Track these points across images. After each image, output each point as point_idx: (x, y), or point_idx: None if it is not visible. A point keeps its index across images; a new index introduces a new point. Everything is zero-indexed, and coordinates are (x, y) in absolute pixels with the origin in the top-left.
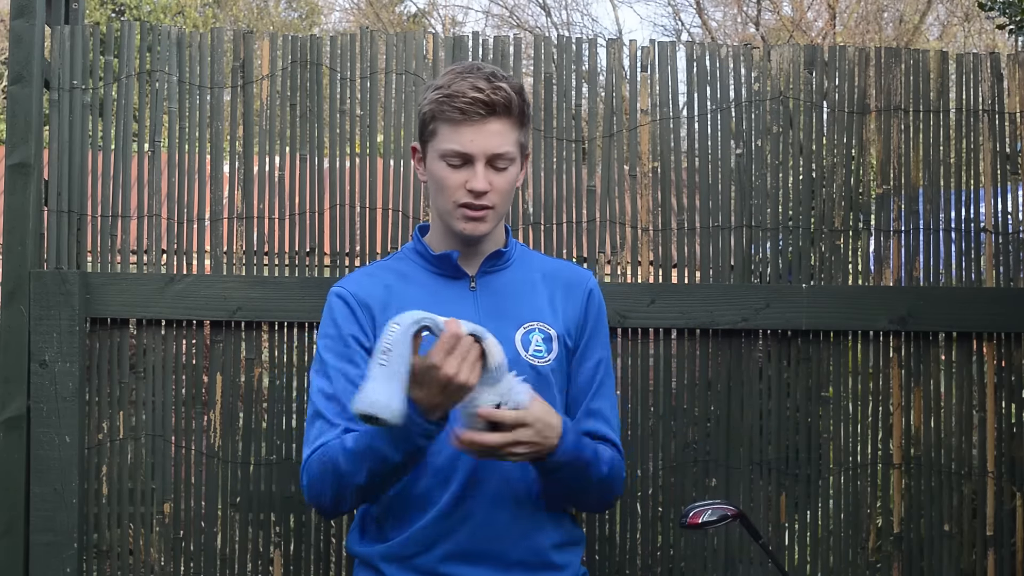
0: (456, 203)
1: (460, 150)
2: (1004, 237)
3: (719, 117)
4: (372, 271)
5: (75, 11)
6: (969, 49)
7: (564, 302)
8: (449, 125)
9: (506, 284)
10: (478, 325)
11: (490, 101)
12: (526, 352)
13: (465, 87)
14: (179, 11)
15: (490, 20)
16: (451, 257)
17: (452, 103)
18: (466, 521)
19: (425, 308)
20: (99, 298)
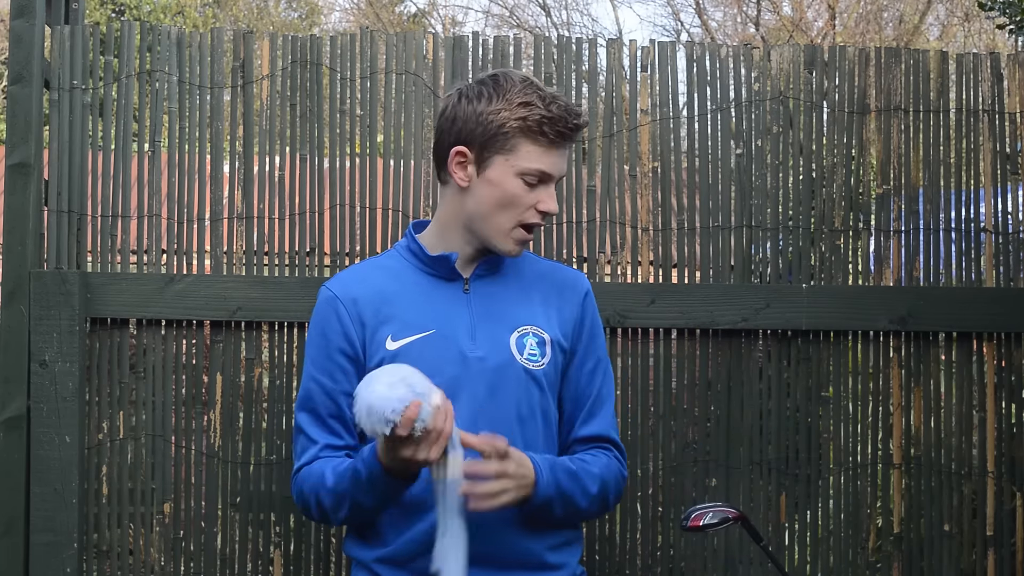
0: (522, 222)
1: (546, 171)
2: (1004, 237)
3: (719, 117)
4: (363, 271)
5: (75, 11)
6: (969, 49)
7: (558, 306)
8: (537, 145)
9: (500, 287)
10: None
11: (580, 128)
12: (521, 356)
13: (564, 113)
14: (179, 11)
15: (490, 20)
16: (450, 259)
17: (555, 127)
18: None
19: (418, 309)
20: (99, 298)
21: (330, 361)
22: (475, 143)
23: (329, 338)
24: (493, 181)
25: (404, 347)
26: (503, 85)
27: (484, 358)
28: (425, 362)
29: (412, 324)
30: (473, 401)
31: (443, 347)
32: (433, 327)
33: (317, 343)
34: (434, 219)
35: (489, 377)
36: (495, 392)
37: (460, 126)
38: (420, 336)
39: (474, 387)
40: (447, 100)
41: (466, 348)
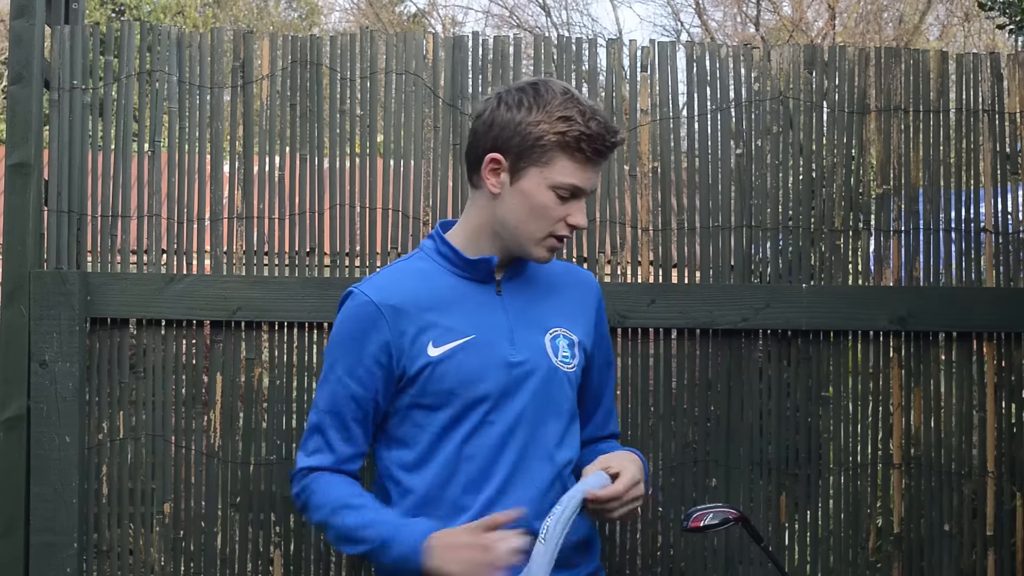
0: (552, 234)
1: (579, 186)
2: (1004, 237)
3: (719, 117)
4: (397, 276)
5: (75, 11)
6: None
7: (579, 307)
8: (574, 161)
9: (528, 289)
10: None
11: (615, 148)
12: (556, 358)
13: (602, 131)
14: (179, 11)
15: (490, 20)
16: (490, 263)
17: (592, 144)
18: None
19: (455, 314)
20: (99, 298)
21: (363, 368)
22: (511, 152)
23: (365, 345)
24: (526, 191)
25: (446, 353)
26: (543, 96)
27: (524, 362)
28: (469, 368)
29: (452, 329)
30: (515, 406)
31: (485, 352)
32: (472, 332)
33: (350, 348)
34: (462, 222)
35: (532, 382)
36: (537, 396)
37: (497, 133)
38: (461, 341)
39: (518, 392)
40: (485, 104)
41: (507, 353)
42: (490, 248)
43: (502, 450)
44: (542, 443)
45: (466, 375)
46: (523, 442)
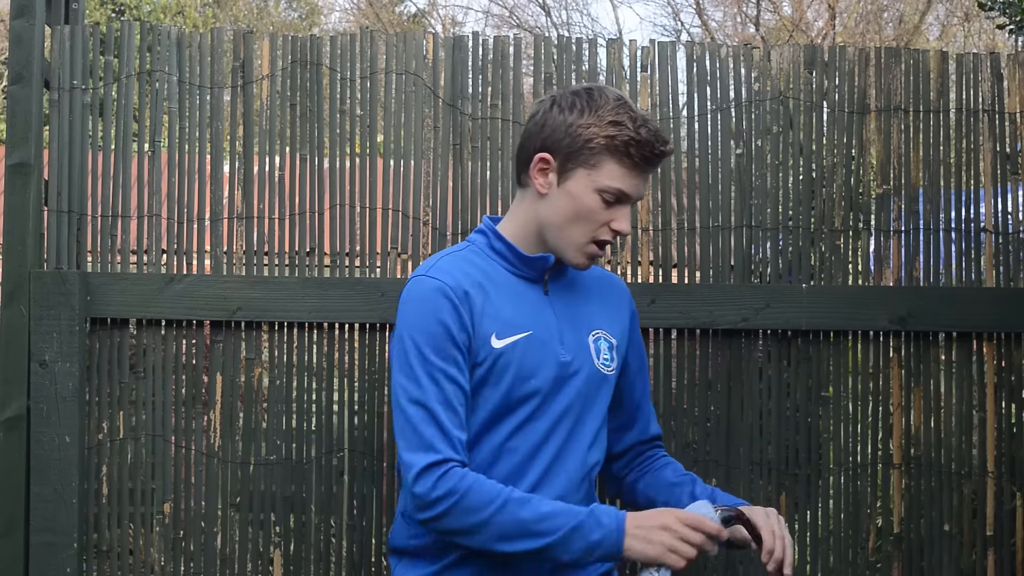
0: (595, 238)
1: (627, 192)
2: (1004, 237)
3: (719, 117)
4: (459, 263)
5: (75, 11)
6: (969, 49)
7: (615, 311)
8: (622, 166)
9: (571, 291)
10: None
11: (664, 157)
12: (597, 360)
13: (652, 138)
14: (179, 11)
15: (490, 20)
16: (548, 261)
17: (641, 150)
18: None
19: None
20: (99, 298)
21: (455, 349)
22: (560, 152)
23: (448, 327)
24: (572, 193)
25: (508, 346)
26: (596, 100)
27: (572, 362)
28: (527, 363)
29: (511, 323)
30: (559, 404)
31: (541, 349)
32: (530, 328)
33: (433, 331)
34: (509, 221)
35: (578, 382)
36: (582, 396)
37: (548, 133)
38: (521, 336)
39: (566, 391)
40: (539, 105)
41: (558, 352)
42: (537, 248)
43: (542, 447)
44: (578, 443)
45: (523, 369)
46: (562, 441)
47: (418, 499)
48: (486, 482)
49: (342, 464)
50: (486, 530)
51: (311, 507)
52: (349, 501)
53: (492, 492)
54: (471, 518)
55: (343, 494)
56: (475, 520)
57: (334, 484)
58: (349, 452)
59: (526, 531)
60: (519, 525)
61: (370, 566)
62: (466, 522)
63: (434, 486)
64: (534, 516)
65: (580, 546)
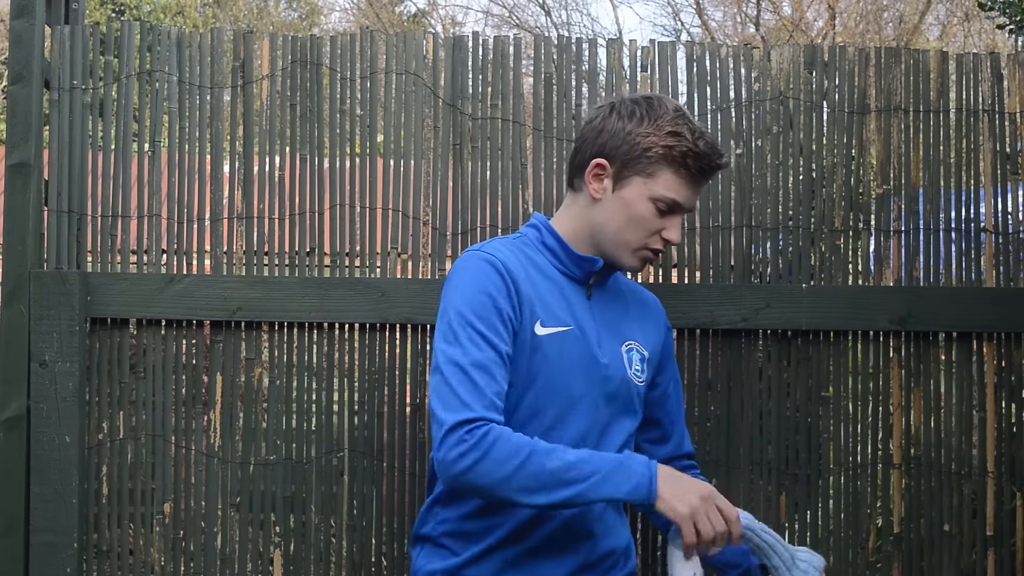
0: (647, 246)
1: (680, 202)
2: (1004, 237)
3: (719, 117)
4: (510, 247)
5: (75, 11)
6: (969, 49)
7: (651, 325)
8: (678, 177)
9: (610, 299)
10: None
11: (719, 170)
12: (629, 369)
13: (709, 151)
14: (179, 11)
15: (490, 20)
16: (595, 264)
17: (699, 162)
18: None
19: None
20: (99, 298)
21: (499, 320)
22: (617, 159)
23: (495, 298)
24: (626, 200)
25: (550, 336)
26: (656, 110)
27: (608, 366)
28: (566, 357)
29: (556, 315)
30: (594, 407)
31: (582, 346)
32: (572, 323)
33: (480, 300)
34: (560, 221)
35: (609, 387)
36: (611, 402)
37: (605, 140)
38: (563, 329)
39: (597, 393)
40: (598, 111)
41: (596, 353)
42: (586, 251)
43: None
44: (606, 450)
45: (563, 363)
46: (592, 446)
47: (446, 454)
48: (512, 435)
49: (342, 464)
50: (514, 482)
51: (311, 507)
52: (349, 501)
53: (518, 444)
54: (497, 471)
55: (343, 494)
56: (502, 473)
57: (334, 484)
58: (349, 452)
59: (555, 480)
60: (549, 474)
61: (370, 566)
62: (494, 475)
63: (461, 440)
64: (562, 465)
65: (615, 494)
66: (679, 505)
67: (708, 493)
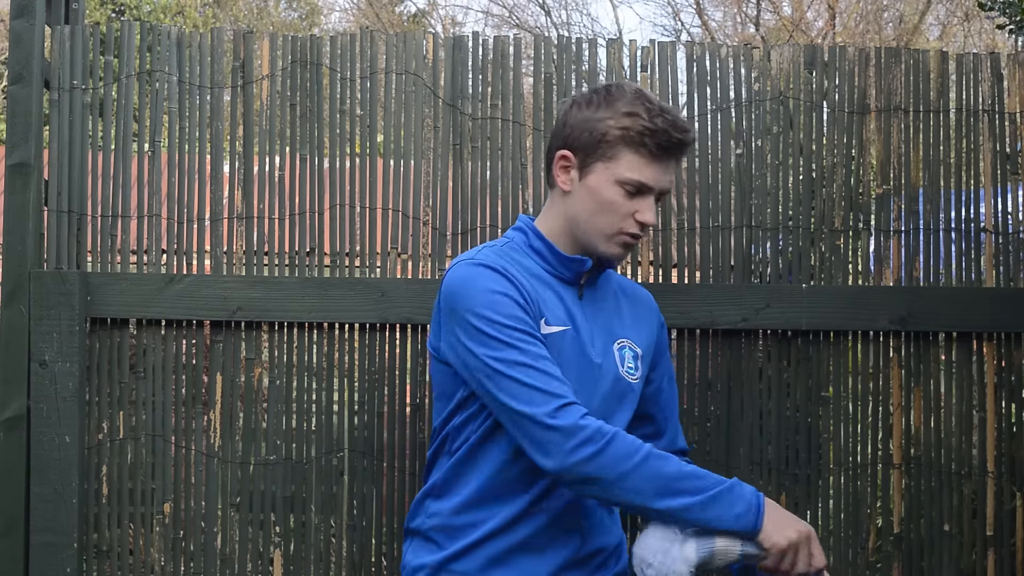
0: (622, 231)
1: (644, 183)
2: (1004, 237)
3: (719, 117)
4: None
5: (75, 11)
6: (969, 49)
7: (643, 322)
8: (639, 156)
9: (602, 298)
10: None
11: (685, 144)
12: (622, 367)
13: (668, 127)
14: (179, 11)
15: (490, 20)
16: (584, 264)
17: (654, 138)
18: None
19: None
20: (99, 298)
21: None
22: (580, 149)
23: (508, 294)
24: (592, 187)
25: (553, 335)
26: (613, 94)
27: (601, 365)
28: (564, 357)
29: (555, 315)
30: (594, 407)
31: (576, 346)
32: (569, 324)
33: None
34: (543, 221)
35: (603, 386)
36: (605, 401)
37: (568, 132)
38: (562, 329)
39: (590, 393)
40: (562, 106)
41: (590, 353)
42: (571, 247)
43: None
44: None
45: (560, 362)
46: None
47: (561, 444)
48: (627, 434)
49: (342, 464)
50: (629, 481)
51: (311, 507)
52: (349, 501)
53: (634, 443)
54: (615, 468)
55: (343, 494)
56: (619, 470)
57: (334, 484)
58: (349, 452)
59: (668, 487)
60: (663, 479)
61: (370, 566)
62: (610, 471)
63: (579, 427)
64: (677, 473)
65: (722, 515)
66: (779, 537)
67: (808, 532)
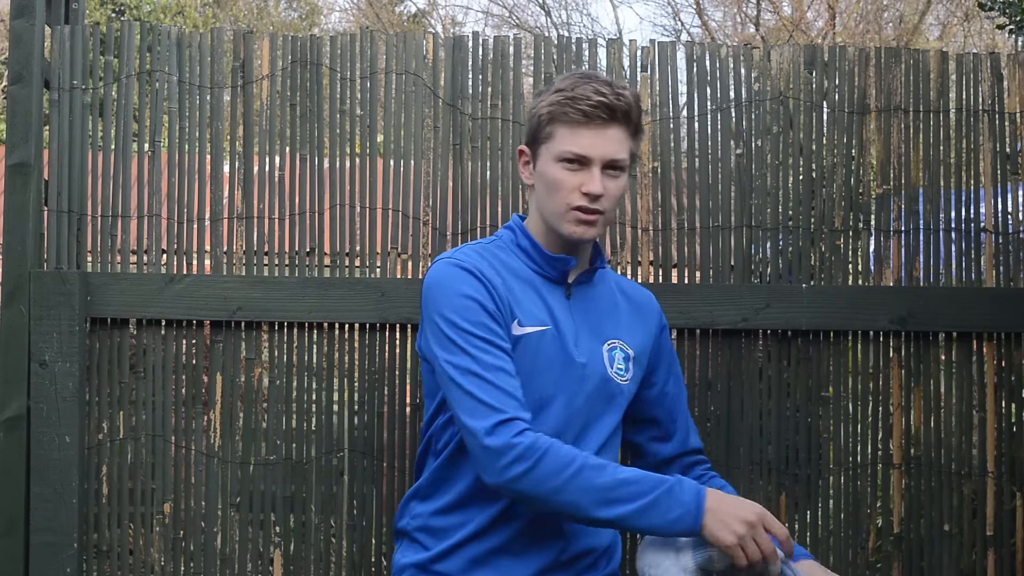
0: (570, 206)
1: (580, 152)
2: (1004, 237)
3: (719, 117)
4: (481, 253)
5: (75, 11)
6: (969, 49)
7: (639, 323)
8: (569, 128)
9: (594, 298)
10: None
11: (612, 106)
12: (611, 368)
13: (589, 91)
14: (179, 11)
15: (490, 20)
16: (568, 263)
17: (575, 105)
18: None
19: (534, 303)
20: (99, 298)
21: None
22: (530, 141)
23: (477, 299)
24: (542, 171)
25: (527, 336)
26: (553, 83)
27: (586, 366)
28: (542, 356)
29: (532, 315)
30: (569, 407)
31: (557, 346)
32: (550, 323)
33: (463, 304)
34: (529, 219)
35: (587, 386)
36: (590, 401)
37: (525, 130)
38: (540, 329)
39: (572, 392)
40: None
41: (573, 352)
42: (554, 242)
43: None
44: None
45: (539, 362)
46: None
47: (493, 462)
48: (562, 445)
49: (342, 464)
50: (563, 495)
51: (311, 507)
52: (349, 501)
53: (568, 456)
54: (548, 483)
55: (343, 494)
56: (552, 485)
57: (334, 484)
58: (349, 452)
59: (602, 498)
60: (596, 491)
61: (370, 566)
62: (544, 487)
63: (509, 446)
64: (611, 483)
65: (659, 522)
66: (723, 534)
67: (755, 518)
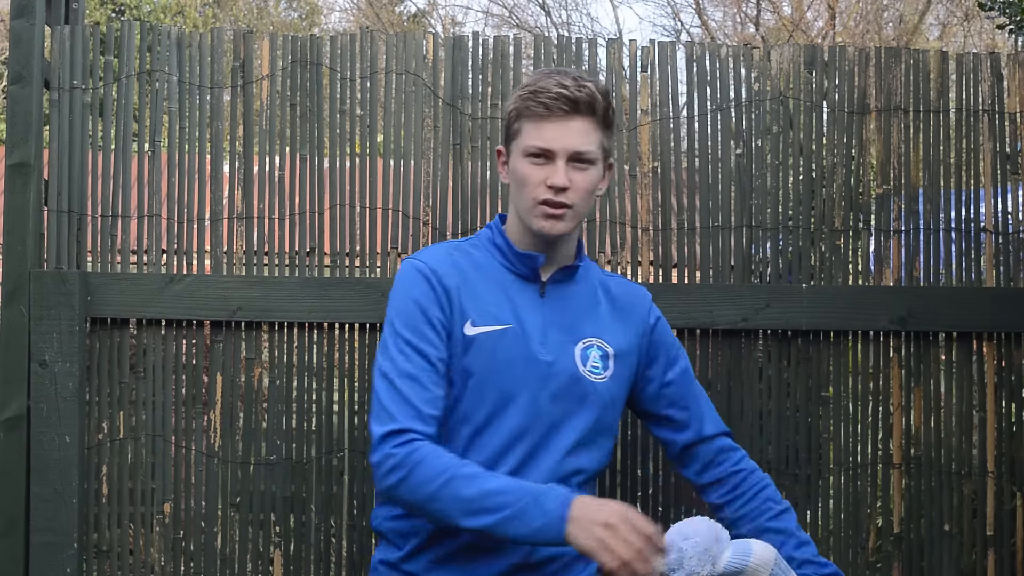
0: (536, 200)
1: (543, 146)
2: (1004, 237)
3: (719, 117)
4: (450, 252)
5: (75, 11)
6: (969, 49)
7: (624, 319)
8: (532, 122)
9: (572, 297)
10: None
11: (574, 98)
12: (584, 367)
13: (550, 84)
14: (179, 11)
15: (490, 20)
16: (536, 260)
17: (536, 99)
18: None
19: (497, 302)
20: (99, 298)
21: (427, 326)
22: (504, 140)
23: (425, 307)
24: (513, 168)
25: (481, 335)
26: (522, 82)
27: (552, 363)
28: (500, 356)
29: (491, 315)
30: (533, 405)
31: (516, 344)
32: (511, 322)
33: (407, 308)
34: (508, 218)
35: (553, 384)
36: (557, 400)
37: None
38: (497, 328)
39: (537, 391)
40: None
41: (536, 351)
42: (529, 240)
43: (513, 446)
44: (553, 448)
45: (496, 362)
46: (534, 443)
47: (374, 468)
48: (440, 456)
49: (342, 464)
50: (435, 504)
51: (311, 507)
52: (349, 501)
53: (440, 466)
54: (420, 492)
55: (343, 494)
56: (424, 494)
57: (334, 484)
58: (349, 452)
59: (469, 508)
60: (463, 502)
61: (370, 566)
62: (417, 495)
63: (389, 455)
64: (477, 493)
65: (524, 531)
66: (585, 540)
67: (615, 520)
